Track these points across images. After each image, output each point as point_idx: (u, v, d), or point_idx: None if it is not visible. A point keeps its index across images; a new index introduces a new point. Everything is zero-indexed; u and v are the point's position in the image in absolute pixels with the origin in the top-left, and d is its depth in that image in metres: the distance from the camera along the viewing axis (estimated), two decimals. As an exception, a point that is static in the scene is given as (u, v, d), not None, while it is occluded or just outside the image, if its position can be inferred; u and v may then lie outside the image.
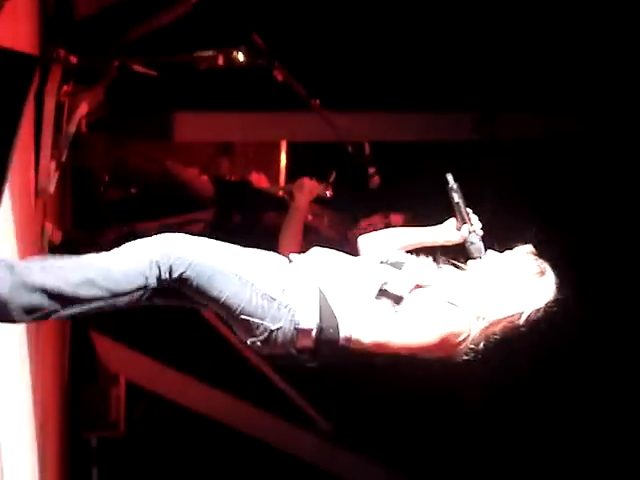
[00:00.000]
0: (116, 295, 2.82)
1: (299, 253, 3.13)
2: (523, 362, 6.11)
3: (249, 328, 2.94)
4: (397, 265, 3.10)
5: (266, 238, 5.57)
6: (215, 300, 2.91)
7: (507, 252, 3.17)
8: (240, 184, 6.15)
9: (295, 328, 2.94)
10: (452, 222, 3.25)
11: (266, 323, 2.92)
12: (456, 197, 3.23)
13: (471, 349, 3.05)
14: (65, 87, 5.38)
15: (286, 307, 2.94)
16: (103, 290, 2.79)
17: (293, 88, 5.43)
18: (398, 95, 6.61)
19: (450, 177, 3.24)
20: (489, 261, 3.17)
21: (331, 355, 3.02)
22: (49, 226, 5.20)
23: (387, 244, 3.21)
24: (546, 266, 3.14)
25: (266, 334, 2.92)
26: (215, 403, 7.24)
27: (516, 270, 3.12)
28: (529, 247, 3.17)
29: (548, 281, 3.12)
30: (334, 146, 5.83)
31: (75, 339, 7.02)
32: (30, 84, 4.01)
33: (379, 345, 3.01)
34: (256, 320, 2.92)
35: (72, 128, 5.55)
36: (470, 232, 3.19)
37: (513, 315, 3.08)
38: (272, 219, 5.61)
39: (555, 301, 3.11)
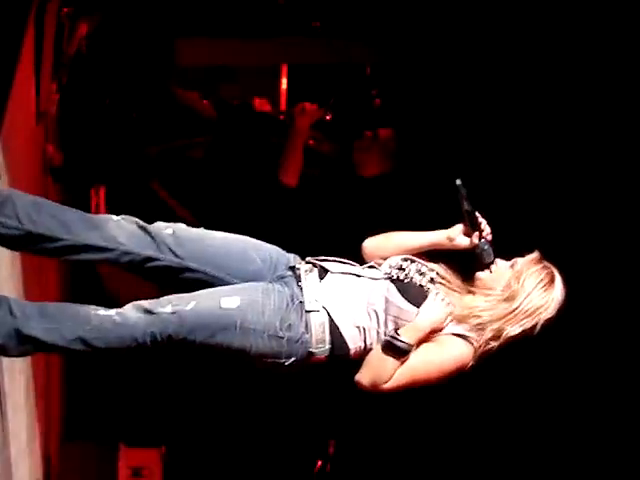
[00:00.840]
0: (106, 351, 2.86)
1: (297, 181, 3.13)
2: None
3: (264, 364, 2.96)
4: (410, 288, 3.04)
5: (266, 163, 5.61)
6: (222, 353, 2.93)
7: (515, 261, 3.11)
8: (242, 108, 6.12)
9: (309, 356, 2.95)
10: (459, 227, 3.16)
11: (279, 360, 2.94)
12: (466, 204, 3.14)
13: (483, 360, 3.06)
14: (65, 9, 5.35)
15: (297, 342, 2.94)
16: (94, 348, 2.83)
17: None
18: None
19: (459, 182, 3.15)
20: (500, 275, 3.09)
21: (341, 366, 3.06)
22: (50, 148, 5.20)
23: (393, 249, 3.16)
24: (554, 271, 3.10)
25: (281, 368, 2.95)
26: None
27: (529, 286, 3.05)
28: (535, 254, 3.11)
29: (558, 288, 3.08)
30: (335, 69, 5.84)
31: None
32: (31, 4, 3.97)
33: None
34: (269, 360, 2.94)
35: (72, 50, 5.53)
36: (481, 239, 3.11)
37: (528, 329, 3.04)
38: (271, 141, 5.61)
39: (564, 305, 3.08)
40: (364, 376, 2.95)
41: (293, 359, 2.94)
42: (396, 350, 2.92)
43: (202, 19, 6.37)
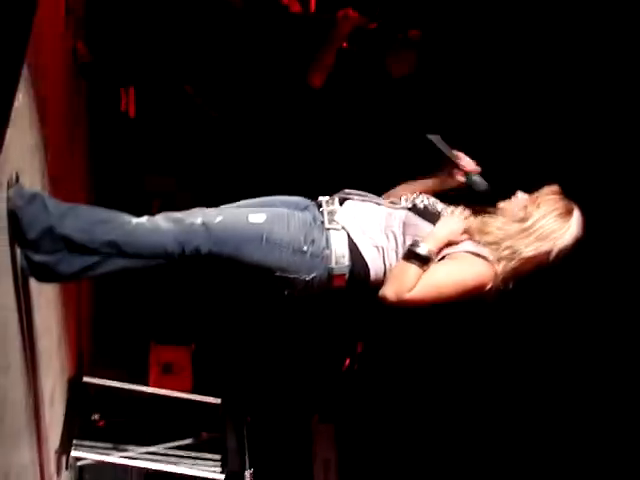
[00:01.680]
0: (133, 257, 2.89)
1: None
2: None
3: (286, 283, 3.01)
4: (427, 213, 3.13)
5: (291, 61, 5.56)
6: (247, 266, 2.96)
7: (535, 193, 3.17)
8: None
9: (329, 274, 3.02)
10: (446, 170, 3.27)
11: (302, 276, 3.00)
12: (441, 147, 3.26)
13: (503, 286, 3.10)
14: None
15: (318, 257, 3.01)
16: (123, 253, 2.86)
17: None
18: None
19: (429, 135, 3.27)
20: (518, 202, 3.17)
21: (362, 292, 3.10)
22: (80, 45, 5.15)
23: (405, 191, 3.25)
24: (573, 205, 3.15)
25: (303, 284, 3.01)
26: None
27: (545, 209, 3.12)
28: (555, 187, 3.18)
29: (575, 218, 3.13)
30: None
31: None
32: None
33: (409, 299, 3.02)
34: (291, 275, 2.99)
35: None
36: (467, 173, 3.22)
37: (542, 253, 3.09)
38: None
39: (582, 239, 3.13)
40: (388, 288, 3.01)
41: (314, 274, 3.01)
42: (417, 257, 3.00)
43: None
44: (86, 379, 5.03)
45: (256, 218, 3.00)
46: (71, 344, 4.85)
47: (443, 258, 3.06)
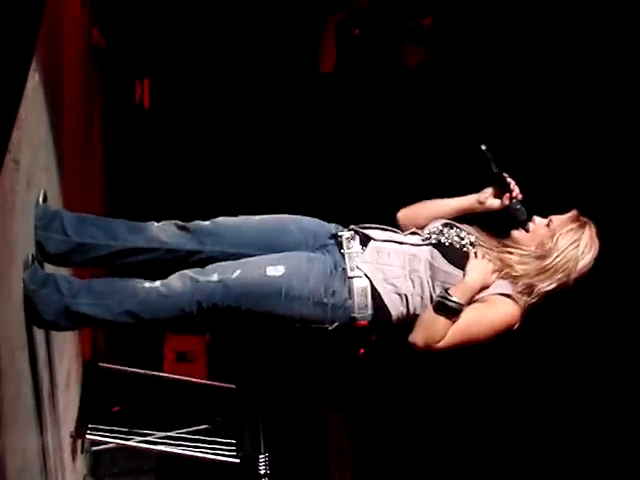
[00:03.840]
0: (151, 321, 2.89)
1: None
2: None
3: (308, 331, 2.97)
4: (453, 253, 3.04)
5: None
6: (267, 321, 2.92)
7: (551, 219, 3.12)
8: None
9: (351, 321, 2.96)
10: (489, 190, 3.18)
11: (324, 325, 2.96)
12: (493, 166, 3.16)
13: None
14: None
15: (340, 308, 2.95)
16: (141, 320, 2.87)
17: None
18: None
19: (484, 147, 3.17)
20: (536, 233, 3.11)
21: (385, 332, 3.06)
22: (95, 32, 5.12)
23: (427, 216, 3.17)
24: (589, 227, 3.10)
25: (325, 332, 2.96)
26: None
27: (563, 244, 3.07)
28: (573, 213, 3.13)
29: (592, 242, 3.09)
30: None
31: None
32: None
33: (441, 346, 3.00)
34: (313, 325, 2.95)
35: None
36: (512, 199, 3.13)
37: (562, 283, 3.06)
38: None
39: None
40: (417, 336, 2.96)
41: (337, 324, 2.96)
42: (448, 310, 2.94)
43: None
44: (101, 364, 4.99)
45: (274, 271, 2.91)
46: (85, 330, 4.81)
47: (474, 301, 3.01)
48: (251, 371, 5.84)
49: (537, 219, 3.13)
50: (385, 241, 3.06)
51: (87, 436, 4.57)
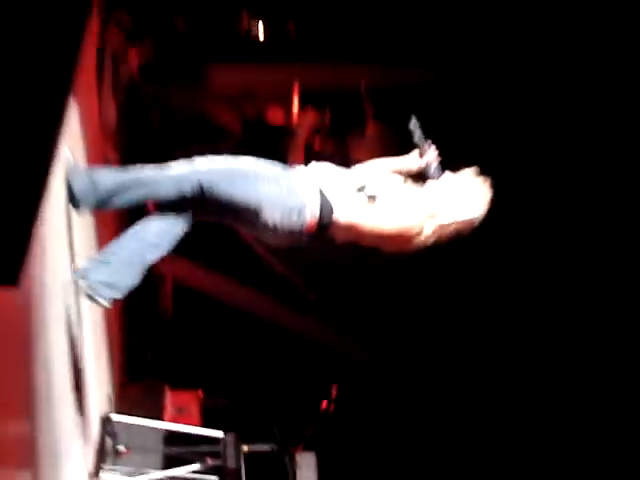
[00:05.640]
0: (158, 195, 3.38)
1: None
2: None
3: (269, 221, 3.40)
4: (375, 177, 3.58)
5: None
6: (241, 205, 3.37)
7: (458, 174, 3.59)
8: (260, 120, 6.64)
9: (303, 216, 3.41)
10: (415, 153, 3.67)
11: (284, 215, 3.39)
12: (417, 134, 3.63)
13: (423, 244, 3.51)
14: (122, 40, 5.88)
15: (295, 195, 3.42)
16: (148, 192, 3.38)
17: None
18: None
19: (414, 118, 3.64)
20: (444, 181, 3.59)
21: (325, 238, 3.52)
22: (111, 152, 5.66)
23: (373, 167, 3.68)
24: (487, 182, 3.57)
25: (282, 225, 3.41)
26: (240, 295, 7.86)
27: (465, 189, 3.55)
28: (474, 168, 3.60)
29: (488, 193, 3.56)
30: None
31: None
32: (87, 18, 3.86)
33: (354, 226, 3.47)
34: (276, 214, 3.39)
35: (127, 74, 6.06)
36: (428, 162, 3.61)
37: (461, 221, 3.52)
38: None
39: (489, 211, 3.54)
40: None
41: (293, 216, 3.40)
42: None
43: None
44: (114, 419, 5.31)
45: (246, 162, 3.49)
46: (101, 385, 5.19)
47: None
48: (235, 420, 6.28)
49: (448, 173, 3.58)
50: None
51: (101, 475, 4.88)
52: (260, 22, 6.52)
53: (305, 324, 7.75)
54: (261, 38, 6.67)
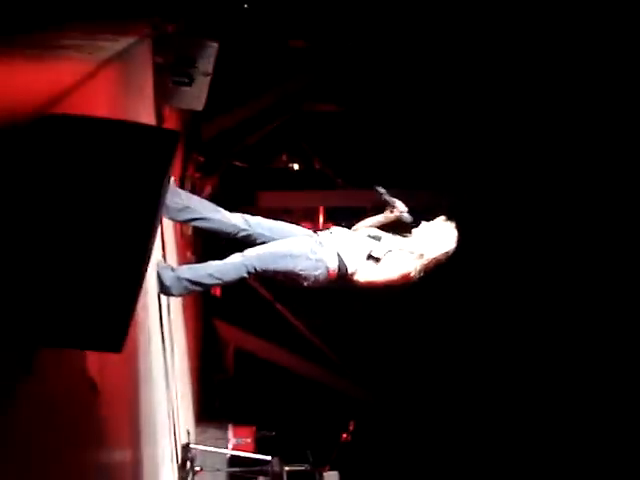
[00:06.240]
0: (225, 281, 4.24)
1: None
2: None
3: (305, 278, 4.22)
4: (377, 238, 4.32)
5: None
6: (285, 272, 4.19)
7: (433, 221, 4.26)
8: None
9: (327, 270, 4.20)
10: (387, 211, 4.40)
11: (314, 272, 4.20)
12: (385, 196, 4.34)
13: (418, 277, 4.18)
14: (196, 175, 7.62)
15: (321, 261, 4.20)
16: (217, 279, 4.23)
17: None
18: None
19: (379, 187, 4.36)
20: (423, 228, 4.29)
21: (344, 283, 4.25)
22: (189, 255, 7.22)
23: (366, 224, 4.45)
24: (454, 224, 4.24)
25: (313, 278, 4.23)
26: (280, 355, 9.53)
27: (440, 231, 4.24)
28: (443, 216, 4.30)
29: (456, 232, 4.23)
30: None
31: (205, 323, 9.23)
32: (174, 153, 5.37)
33: (370, 282, 4.25)
34: (308, 273, 4.21)
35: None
36: (400, 212, 4.34)
37: (440, 254, 4.21)
38: None
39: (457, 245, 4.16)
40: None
41: (319, 272, 4.17)
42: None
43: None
44: (192, 446, 6.61)
45: (285, 243, 4.28)
46: (184, 421, 6.42)
47: None
48: (280, 447, 7.68)
49: (424, 222, 4.23)
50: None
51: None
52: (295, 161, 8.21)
53: (327, 376, 9.36)
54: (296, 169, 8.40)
